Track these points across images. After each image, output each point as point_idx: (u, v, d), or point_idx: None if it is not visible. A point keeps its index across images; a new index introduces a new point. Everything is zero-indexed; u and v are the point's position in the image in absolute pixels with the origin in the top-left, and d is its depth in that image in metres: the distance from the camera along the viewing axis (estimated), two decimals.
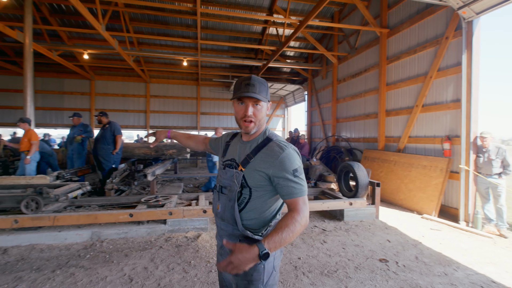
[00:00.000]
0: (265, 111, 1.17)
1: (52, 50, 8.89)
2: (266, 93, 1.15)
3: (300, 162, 1.10)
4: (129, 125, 13.25)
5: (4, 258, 3.00)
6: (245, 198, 1.13)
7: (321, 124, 11.26)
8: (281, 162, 1.07)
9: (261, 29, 10.52)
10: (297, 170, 1.07)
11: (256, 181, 1.11)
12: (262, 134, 1.19)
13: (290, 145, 1.12)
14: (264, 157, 1.11)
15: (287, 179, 1.05)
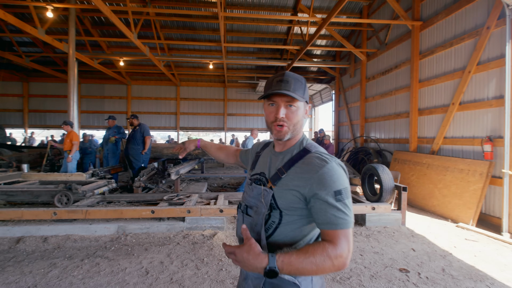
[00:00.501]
0: (302, 114, 0.94)
1: (93, 59, 9.77)
2: (303, 91, 0.92)
3: (347, 182, 0.85)
4: (161, 126, 14.02)
5: (44, 245, 3.38)
6: (274, 223, 0.91)
7: (349, 124, 10.83)
8: (321, 179, 0.83)
9: (286, 29, 10.45)
10: (342, 192, 0.82)
11: (288, 202, 0.89)
12: (298, 144, 0.97)
13: (335, 159, 0.88)
14: (300, 172, 0.88)
15: (326, 202, 0.81)
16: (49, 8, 6.00)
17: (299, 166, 0.90)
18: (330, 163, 0.85)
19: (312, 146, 0.95)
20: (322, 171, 0.84)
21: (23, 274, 2.71)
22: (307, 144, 0.96)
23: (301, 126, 0.97)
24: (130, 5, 6.76)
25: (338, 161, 0.88)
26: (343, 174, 0.86)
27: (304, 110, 0.96)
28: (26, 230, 3.60)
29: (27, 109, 13.30)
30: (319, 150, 0.93)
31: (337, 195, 0.81)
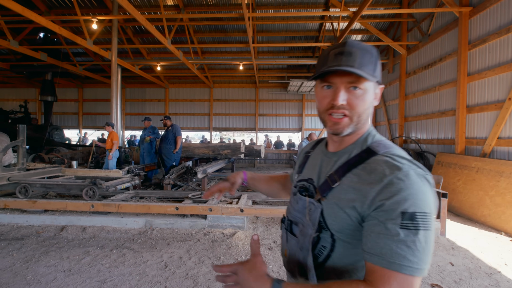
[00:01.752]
0: (370, 99, 0.68)
1: (135, 65, 10.58)
2: (374, 68, 0.66)
3: (429, 205, 0.57)
4: (195, 127, 14.64)
5: (82, 234, 3.74)
6: (325, 248, 0.67)
7: (386, 124, 10.09)
8: (384, 191, 0.58)
9: (318, 25, 10.13)
10: (415, 217, 0.55)
11: (340, 222, 0.65)
12: (360, 141, 0.70)
13: (416, 166, 0.61)
14: (357, 181, 0.64)
15: (382, 223, 0.56)
16: (94, 21, 6.66)
17: (358, 173, 0.64)
18: (404, 170, 0.58)
19: (381, 145, 0.67)
20: (389, 181, 0.58)
21: (61, 259, 3.02)
22: (374, 142, 0.69)
23: (368, 116, 0.70)
24: (164, 13, 7.18)
25: (421, 170, 0.60)
26: (425, 191, 0.57)
27: (374, 94, 0.69)
28: (69, 220, 4.03)
29: (82, 112, 14.96)
30: (392, 151, 0.65)
31: (405, 219, 0.54)
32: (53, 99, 10.20)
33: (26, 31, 9.15)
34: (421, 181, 0.58)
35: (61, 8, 9.12)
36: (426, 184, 0.59)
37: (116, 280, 2.59)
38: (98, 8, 9.01)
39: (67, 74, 11.29)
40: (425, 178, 0.59)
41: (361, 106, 0.66)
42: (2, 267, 2.84)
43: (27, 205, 4.09)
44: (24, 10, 5.51)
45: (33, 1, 8.38)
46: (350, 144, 0.71)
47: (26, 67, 10.39)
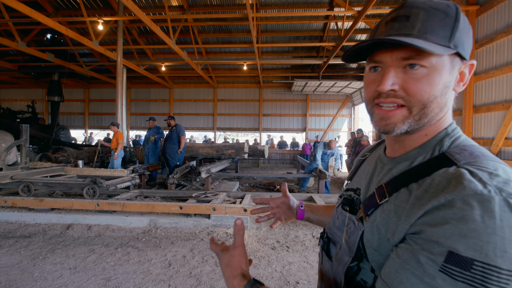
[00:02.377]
0: (444, 80, 0.46)
1: (140, 65, 10.68)
2: (450, 33, 0.45)
3: (505, 254, 0.34)
4: (199, 127, 14.71)
5: (88, 233, 3.79)
6: (364, 284, 0.50)
7: None
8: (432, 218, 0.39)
9: (322, 25, 10.10)
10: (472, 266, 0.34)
11: (380, 254, 0.47)
12: (432, 145, 0.49)
13: (507, 187, 0.37)
14: (406, 202, 0.44)
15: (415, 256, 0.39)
16: (100, 22, 6.74)
17: (413, 188, 0.44)
18: (484, 193, 0.36)
19: (465, 152, 0.44)
20: (448, 201, 0.38)
21: (67, 256, 3.06)
22: (456, 147, 0.47)
23: (443, 107, 0.48)
24: (169, 14, 7.24)
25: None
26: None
27: (452, 74, 0.47)
28: (75, 218, 4.08)
29: (88, 112, 15.14)
30: (483, 163, 0.41)
31: (450, 263, 0.35)
32: (59, 100, 10.36)
33: (34, 32, 9.30)
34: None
35: (68, 10, 9.25)
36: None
37: (120, 278, 2.61)
38: (104, 9, 9.11)
39: (74, 74, 11.45)
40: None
41: (425, 92, 0.45)
42: (10, 264, 2.89)
43: (34, 203, 4.16)
44: (32, 12, 5.61)
45: (41, 3, 8.51)
46: (416, 147, 0.50)
47: (33, 67, 10.57)
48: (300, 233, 3.84)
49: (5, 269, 2.77)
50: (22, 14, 6.04)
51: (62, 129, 10.38)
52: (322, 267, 0.64)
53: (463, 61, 0.48)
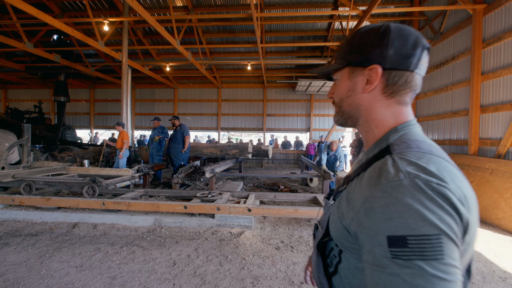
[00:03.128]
0: (345, 86, 0.62)
1: (144, 66, 10.75)
2: (346, 50, 0.61)
3: (434, 223, 0.41)
4: (203, 127, 14.75)
5: (93, 231, 3.82)
6: (335, 258, 0.60)
7: None
8: (365, 208, 0.48)
9: (327, 25, 10.06)
10: (407, 243, 0.41)
11: (338, 232, 0.57)
12: (385, 138, 0.57)
13: (422, 173, 0.45)
14: (352, 190, 0.54)
15: (372, 253, 0.45)
16: (105, 22, 6.80)
17: (360, 178, 0.54)
18: (393, 181, 0.45)
19: (403, 144, 0.52)
20: (371, 193, 0.47)
21: (74, 255, 3.09)
22: (398, 139, 0.54)
23: (352, 105, 0.61)
24: (173, 14, 7.27)
25: (431, 178, 0.44)
26: (426, 205, 0.42)
27: (351, 79, 0.60)
28: (81, 217, 4.12)
29: (93, 112, 15.30)
30: (410, 153, 0.49)
31: (394, 246, 0.41)
32: (65, 100, 10.47)
33: (41, 33, 9.43)
34: (422, 194, 0.42)
35: (74, 11, 9.35)
36: (430, 196, 0.42)
37: (126, 277, 2.63)
38: (109, 10, 9.20)
39: (79, 75, 11.58)
40: (432, 189, 0.42)
41: (337, 95, 0.65)
42: (17, 261, 2.93)
43: (41, 202, 4.21)
44: (39, 13, 5.68)
45: (48, 4, 8.62)
46: (375, 141, 0.59)
47: (40, 68, 10.71)
48: (305, 233, 3.83)
49: (13, 267, 2.81)
50: (29, 16, 6.12)
51: (68, 129, 10.51)
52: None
53: (360, 68, 0.59)
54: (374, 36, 0.57)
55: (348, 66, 0.61)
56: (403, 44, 0.55)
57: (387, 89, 0.57)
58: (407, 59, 0.55)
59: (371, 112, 0.59)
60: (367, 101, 0.59)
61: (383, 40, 0.56)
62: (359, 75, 0.59)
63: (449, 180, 0.45)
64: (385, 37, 0.56)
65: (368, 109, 0.60)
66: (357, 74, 0.60)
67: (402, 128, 0.57)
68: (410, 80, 0.57)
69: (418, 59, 0.56)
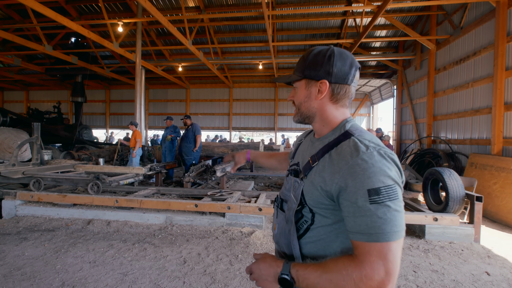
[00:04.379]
0: (303, 93, 0.82)
1: (158, 66, 10.92)
2: (303, 68, 0.81)
3: (391, 178, 0.64)
4: (215, 126, 14.84)
5: (107, 228, 3.89)
6: (306, 222, 0.77)
7: (413, 123, 9.59)
8: (351, 172, 0.65)
9: (340, 22, 9.86)
10: (380, 191, 0.62)
11: (315, 198, 0.73)
12: (339, 127, 0.79)
13: (381, 147, 0.68)
14: (328, 162, 0.71)
15: (354, 203, 0.63)
16: (120, 24, 6.95)
17: (331, 154, 0.73)
18: (367, 152, 0.66)
19: (357, 129, 0.76)
20: (354, 162, 0.65)
21: (87, 250, 3.15)
22: (351, 128, 0.77)
23: (309, 108, 0.82)
24: (185, 14, 7.33)
25: (386, 150, 0.67)
26: (387, 166, 0.64)
27: (307, 89, 0.81)
28: (95, 214, 4.21)
29: (109, 113, 15.73)
30: (364, 135, 0.72)
31: (372, 195, 0.62)
32: (82, 100, 10.80)
33: (59, 36, 9.76)
34: (384, 159, 0.65)
35: (91, 14, 9.63)
36: (388, 161, 0.66)
37: (137, 273, 2.65)
38: (124, 12, 9.41)
39: (96, 76, 11.92)
40: (388, 157, 0.67)
41: (296, 100, 0.85)
42: (35, 256, 3.02)
43: (58, 198, 4.34)
44: (57, 16, 5.87)
45: (66, 8, 8.92)
46: (331, 130, 0.80)
47: (59, 70, 11.10)
48: None
49: (30, 261, 2.90)
50: (49, 19, 6.35)
51: (85, 128, 10.83)
52: (277, 220, 0.90)
53: (316, 81, 0.79)
54: (323, 57, 0.77)
55: (305, 78, 0.81)
56: (343, 65, 0.77)
57: (333, 97, 0.80)
58: (346, 76, 0.77)
59: (323, 113, 0.81)
60: (319, 105, 0.81)
61: (329, 61, 0.76)
62: (313, 86, 0.80)
63: (388, 149, 0.69)
64: (330, 59, 0.76)
65: (320, 110, 0.81)
66: (312, 85, 0.80)
67: (350, 121, 0.81)
68: (348, 91, 0.80)
69: (353, 76, 0.78)
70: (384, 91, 12.73)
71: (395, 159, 0.68)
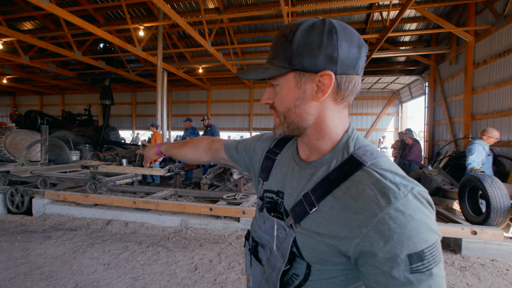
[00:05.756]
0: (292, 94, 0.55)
1: (179, 68, 11.14)
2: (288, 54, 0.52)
3: (435, 231, 0.46)
4: (236, 127, 14.86)
5: (124, 229, 3.95)
6: (297, 277, 0.57)
7: (447, 123, 8.82)
8: (380, 232, 0.45)
9: (365, 16, 9.36)
10: (424, 255, 0.43)
11: (319, 254, 0.53)
12: (340, 147, 0.56)
13: (408, 183, 0.48)
14: (340, 209, 0.50)
15: (388, 274, 0.44)
16: (141, 28, 7.13)
17: (340, 197, 0.50)
18: (401, 197, 0.45)
19: (367, 152, 0.52)
20: (385, 215, 0.44)
21: (104, 252, 3.19)
22: (359, 149, 0.54)
23: (302, 116, 0.55)
24: (205, 16, 7.35)
25: (419, 188, 0.47)
26: (427, 215, 0.45)
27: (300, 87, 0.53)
28: (114, 215, 4.30)
29: (135, 114, 16.40)
30: (381, 162, 0.51)
31: (414, 263, 0.43)
32: (110, 103, 11.33)
33: (88, 42, 10.31)
34: (422, 205, 0.46)
35: (116, 20, 10.04)
36: (426, 205, 0.47)
37: (147, 279, 2.61)
38: (147, 17, 9.69)
39: (122, 79, 12.45)
40: (424, 198, 0.47)
41: (280, 105, 0.57)
42: (55, 255, 3.11)
43: (81, 198, 4.49)
44: (84, 23, 6.15)
45: (94, 16, 9.38)
46: (328, 152, 0.56)
47: (89, 74, 11.75)
48: None
49: (50, 260, 2.98)
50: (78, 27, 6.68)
51: (112, 129, 11.35)
52: (251, 270, 0.66)
53: (312, 74, 0.52)
54: (320, 35, 0.50)
55: (294, 70, 0.53)
56: (350, 46, 0.51)
57: (339, 96, 0.54)
58: (356, 62, 0.52)
59: (322, 120, 0.56)
60: (318, 110, 0.55)
61: (331, 40, 0.50)
62: (308, 82, 0.53)
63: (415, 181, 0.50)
64: (332, 36, 0.50)
65: (319, 118, 0.56)
66: (306, 81, 0.53)
67: (352, 132, 0.57)
68: (357, 84, 0.55)
69: (364, 61, 0.54)
70: (414, 89, 11.90)
71: (430, 200, 0.48)
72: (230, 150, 0.88)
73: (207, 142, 0.98)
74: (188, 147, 1.02)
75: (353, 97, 0.57)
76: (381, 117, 13.46)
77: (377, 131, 13.09)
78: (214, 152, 0.94)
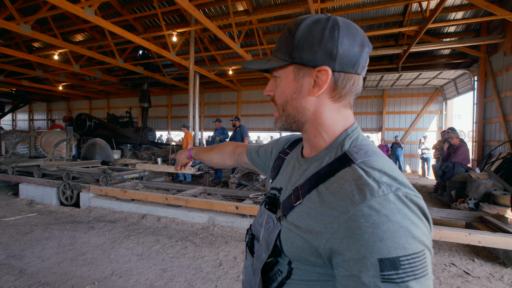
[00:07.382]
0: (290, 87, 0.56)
1: (210, 71, 11.50)
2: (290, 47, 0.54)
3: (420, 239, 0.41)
4: (265, 127, 14.90)
5: (157, 223, 4.19)
6: (280, 273, 0.56)
7: (501, 121, 7.86)
8: (350, 229, 0.42)
9: (402, 8, 8.76)
10: (400, 264, 0.39)
11: (297, 249, 0.52)
12: (336, 145, 0.55)
13: (396, 184, 0.44)
14: (318, 202, 0.49)
15: (357, 279, 0.40)
16: (174, 33, 7.52)
17: (323, 192, 0.49)
18: (379, 194, 0.42)
19: (361, 150, 0.50)
20: (356, 211, 0.42)
21: (138, 243, 3.42)
22: (354, 147, 0.52)
23: (298, 109, 0.56)
24: (234, 18, 7.51)
25: (408, 191, 0.43)
26: (411, 220, 0.41)
27: (297, 80, 0.54)
28: (148, 210, 4.59)
29: (170, 116, 17.32)
30: (373, 161, 0.48)
31: (386, 270, 0.38)
32: (148, 105, 12.11)
33: (128, 50, 11.14)
34: (407, 209, 0.42)
35: (153, 27, 10.72)
36: (413, 209, 0.42)
37: (175, 271, 2.74)
38: (180, 23, 10.19)
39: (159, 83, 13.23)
40: (412, 202, 0.43)
41: (280, 97, 0.58)
42: (96, 244, 3.41)
43: (120, 193, 4.87)
44: (124, 32, 6.66)
45: (134, 25, 10.12)
46: (324, 148, 0.56)
47: (129, 79, 12.71)
48: None
49: (92, 248, 3.28)
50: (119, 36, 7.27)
51: (149, 130, 12.13)
52: (246, 263, 0.68)
53: (311, 68, 0.53)
54: (322, 31, 0.51)
55: (294, 63, 0.54)
56: (352, 43, 0.51)
57: (335, 93, 0.54)
58: (356, 61, 0.52)
59: (319, 116, 0.56)
60: (315, 105, 0.56)
61: (332, 36, 0.51)
62: (305, 76, 0.54)
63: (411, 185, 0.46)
64: (334, 33, 0.51)
65: (316, 113, 0.56)
66: (304, 75, 0.54)
67: (352, 132, 0.56)
68: (356, 83, 0.55)
69: (365, 61, 0.53)
70: (461, 84, 10.80)
71: (422, 206, 0.43)
72: (252, 154, 0.91)
73: (232, 147, 1.03)
74: (215, 152, 1.07)
75: (353, 97, 0.57)
76: (422, 115, 12.44)
77: (417, 131, 12.15)
78: (237, 157, 0.98)
